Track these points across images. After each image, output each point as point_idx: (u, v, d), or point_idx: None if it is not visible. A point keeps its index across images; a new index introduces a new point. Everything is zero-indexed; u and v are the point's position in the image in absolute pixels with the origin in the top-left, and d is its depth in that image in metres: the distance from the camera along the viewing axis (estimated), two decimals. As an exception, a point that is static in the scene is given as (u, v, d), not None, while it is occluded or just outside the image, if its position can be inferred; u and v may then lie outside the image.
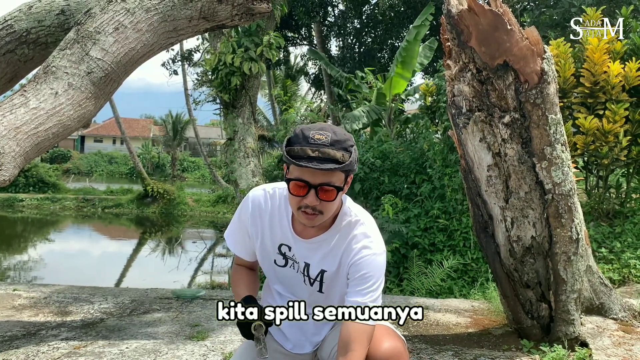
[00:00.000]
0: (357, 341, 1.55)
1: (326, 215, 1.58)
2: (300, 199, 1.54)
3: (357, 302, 1.59)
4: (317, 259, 1.69)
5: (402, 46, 9.90)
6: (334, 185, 1.51)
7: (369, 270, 1.62)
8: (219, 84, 9.09)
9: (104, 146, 47.92)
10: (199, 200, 22.82)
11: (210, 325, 3.64)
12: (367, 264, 1.63)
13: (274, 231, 1.72)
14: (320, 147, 1.47)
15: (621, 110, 4.97)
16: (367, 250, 1.64)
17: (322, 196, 1.52)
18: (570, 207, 2.89)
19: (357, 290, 1.61)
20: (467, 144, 2.97)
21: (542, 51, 2.69)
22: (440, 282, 5.57)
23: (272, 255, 1.76)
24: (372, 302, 1.61)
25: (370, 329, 1.58)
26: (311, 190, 1.51)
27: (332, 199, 1.53)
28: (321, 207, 1.54)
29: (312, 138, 1.48)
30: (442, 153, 6.63)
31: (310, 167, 1.46)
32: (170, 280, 10.25)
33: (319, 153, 1.47)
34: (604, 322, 3.49)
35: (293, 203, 1.58)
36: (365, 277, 1.62)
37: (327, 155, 1.47)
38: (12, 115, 2.88)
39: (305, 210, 1.55)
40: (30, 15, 3.54)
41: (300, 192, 1.53)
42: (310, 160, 1.46)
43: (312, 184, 1.51)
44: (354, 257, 1.64)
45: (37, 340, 3.26)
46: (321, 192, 1.51)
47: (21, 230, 18.39)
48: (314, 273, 1.71)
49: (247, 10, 3.45)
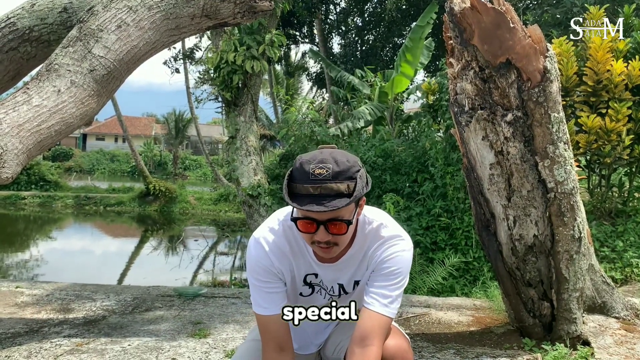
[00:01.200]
0: (377, 335, 1.54)
1: (342, 245, 1.53)
2: (311, 235, 1.49)
3: (384, 295, 1.58)
4: (348, 276, 1.68)
5: (405, 44, 9.90)
6: (342, 220, 1.45)
7: (399, 267, 1.60)
8: (220, 82, 9.09)
9: (106, 144, 47.97)
10: (201, 199, 22.82)
11: (212, 323, 3.65)
12: (396, 261, 1.60)
13: (298, 263, 1.67)
14: (322, 183, 1.39)
15: (624, 109, 4.96)
16: (395, 247, 1.61)
17: (332, 230, 1.46)
18: (573, 205, 2.89)
19: (384, 284, 1.59)
20: (470, 143, 2.96)
21: (544, 49, 2.68)
22: (442, 280, 5.57)
23: (299, 288, 1.72)
24: (397, 296, 1.60)
25: (389, 322, 1.58)
26: (320, 226, 1.45)
27: (343, 232, 1.47)
28: (334, 240, 1.49)
29: (312, 174, 1.40)
30: (444, 151, 6.62)
31: (313, 211, 1.38)
32: (172, 278, 10.26)
33: (321, 190, 1.39)
34: (606, 321, 3.49)
35: (306, 239, 1.54)
36: (393, 273, 1.60)
37: (331, 191, 1.39)
38: (14, 112, 2.88)
39: (319, 245, 1.50)
40: (33, 13, 3.54)
41: (309, 229, 1.47)
42: (313, 199, 1.39)
43: (319, 221, 1.45)
44: (381, 254, 1.61)
45: (39, 337, 3.27)
46: (331, 226, 1.45)
47: (23, 228, 18.41)
48: (349, 288, 1.70)
49: (249, 8, 3.45)
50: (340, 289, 1.70)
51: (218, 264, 13.72)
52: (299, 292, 1.73)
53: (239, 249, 16.03)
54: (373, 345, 1.51)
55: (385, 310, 1.57)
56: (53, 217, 20.66)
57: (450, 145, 6.59)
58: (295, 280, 1.69)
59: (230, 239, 17.00)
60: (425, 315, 3.93)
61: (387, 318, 1.57)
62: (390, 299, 1.58)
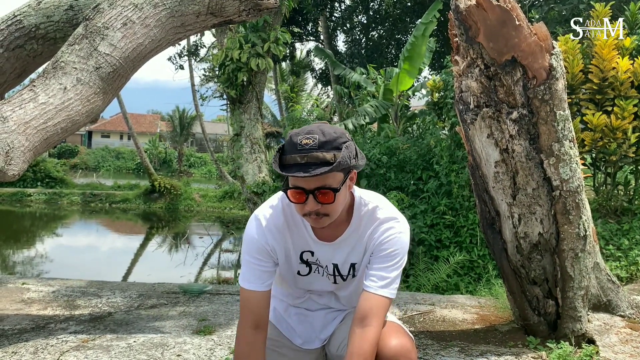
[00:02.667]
0: (375, 315, 1.57)
1: (333, 216, 1.56)
2: (302, 205, 1.53)
3: (382, 277, 1.62)
4: (344, 257, 1.70)
5: (410, 42, 9.87)
6: (330, 188, 1.48)
7: (396, 248, 1.64)
8: (225, 79, 9.11)
9: (111, 141, 48.13)
10: (206, 196, 22.88)
11: (217, 320, 3.66)
12: (394, 243, 1.64)
13: (295, 241, 1.70)
14: (308, 152, 1.44)
15: (630, 106, 4.94)
16: (392, 230, 1.65)
17: (321, 199, 1.50)
18: (578, 203, 2.88)
19: (382, 266, 1.63)
20: (475, 140, 2.96)
21: (550, 47, 2.68)
22: (447, 278, 5.57)
23: (296, 266, 1.74)
24: (395, 277, 1.64)
25: (387, 303, 1.61)
26: (309, 195, 1.49)
27: (331, 201, 1.50)
28: (324, 210, 1.52)
29: (299, 144, 1.45)
30: (449, 149, 6.62)
31: (299, 176, 1.44)
32: (177, 275, 10.30)
33: (307, 159, 1.44)
34: (611, 319, 3.48)
35: (297, 210, 1.58)
36: (391, 255, 1.64)
37: (316, 160, 1.43)
38: (21, 110, 2.90)
39: (310, 216, 1.54)
40: (39, 10, 3.56)
41: (299, 199, 1.52)
42: (300, 167, 1.44)
43: (307, 190, 1.49)
44: (379, 237, 1.65)
45: (46, 333, 3.29)
46: (319, 195, 1.49)
47: (29, 225, 18.51)
48: (345, 270, 1.72)
49: (254, 5, 3.45)
50: (334, 269, 1.71)
51: (222, 261, 13.77)
52: (296, 271, 1.75)
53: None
54: (372, 326, 1.55)
55: (383, 291, 1.60)
56: (59, 214, 20.76)
57: (455, 143, 6.58)
58: (291, 258, 1.72)
59: (234, 236, 17.04)
60: (429, 313, 3.93)
61: (385, 299, 1.60)
62: (388, 280, 1.62)
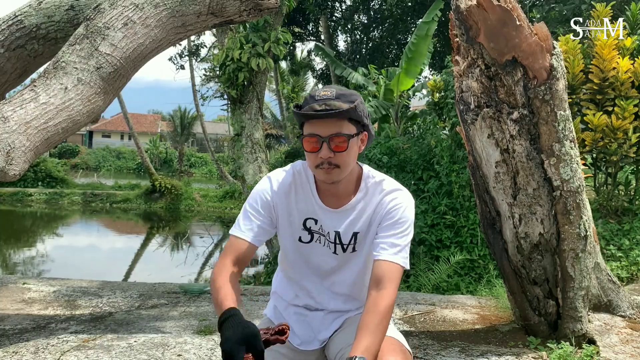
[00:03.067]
0: (390, 279, 1.58)
1: (343, 169, 1.61)
2: (316, 154, 1.58)
3: (393, 244, 1.62)
4: (347, 225, 1.71)
5: (411, 42, 9.86)
6: (344, 134, 1.57)
7: (403, 217, 1.66)
8: (226, 79, 9.11)
9: (112, 141, 48.14)
10: (206, 196, 22.89)
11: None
12: (400, 211, 1.66)
13: (299, 205, 1.73)
14: (326, 101, 1.54)
15: (630, 106, 4.94)
16: (398, 200, 1.68)
17: (334, 147, 1.56)
18: (579, 203, 2.88)
19: (391, 233, 1.64)
20: (475, 141, 2.96)
21: (551, 47, 2.68)
22: (447, 278, 5.57)
23: (297, 232, 1.74)
24: (405, 245, 1.64)
25: (400, 270, 1.61)
26: (323, 143, 1.56)
27: (344, 148, 1.57)
28: (336, 160, 1.58)
29: (318, 96, 1.57)
30: (450, 149, 6.62)
31: (317, 114, 1.54)
32: (178, 275, 10.30)
33: (325, 106, 1.53)
34: (612, 320, 3.48)
35: (310, 161, 1.62)
36: (399, 222, 1.65)
37: (333, 107, 1.53)
38: (22, 110, 2.90)
39: (322, 166, 1.59)
40: (40, 10, 3.56)
41: (313, 147, 1.58)
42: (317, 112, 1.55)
43: (322, 137, 1.56)
44: (386, 206, 1.67)
45: (46, 333, 3.29)
46: (333, 143, 1.56)
47: (30, 224, 18.53)
48: (346, 239, 1.72)
49: (255, 5, 3.46)
50: (336, 237, 1.71)
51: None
52: (298, 237, 1.75)
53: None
54: (387, 289, 1.56)
55: (394, 258, 1.61)
56: (59, 213, 20.77)
57: (455, 143, 6.59)
58: (294, 222, 1.73)
59: (235, 236, 17.00)
60: (430, 313, 3.93)
61: (397, 265, 1.60)
62: (399, 247, 1.62)
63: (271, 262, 8.33)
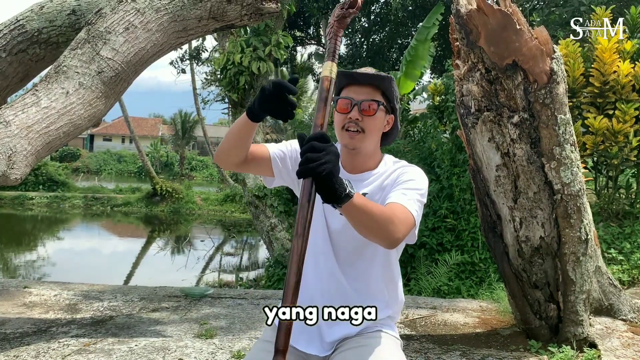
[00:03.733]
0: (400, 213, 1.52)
1: (367, 135, 1.68)
2: (345, 115, 1.67)
3: (403, 194, 1.60)
4: (359, 186, 1.72)
5: (411, 45, 9.87)
6: (375, 100, 1.67)
7: (414, 178, 1.68)
8: (227, 83, 9.12)
9: (113, 145, 48.18)
10: (207, 199, 22.90)
11: (219, 324, 3.66)
12: (413, 174, 1.70)
13: None
14: (366, 72, 1.69)
15: (631, 110, 4.94)
16: (410, 168, 1.73)
17: (363, 111, 1.66)
18: (579, 207, 2.89)
19: (400, 187, 1.64)
20: (476, 144, 2.97)
21: (551, 51, 2.68)
22: (448, 282, 5.57)
23: None
24: (416, 199, 1.61)
25: (411, 217, 1.55)
26: (355, 106, 1.66)
27: (373, 113, 1.67)
28: (363, 123, 1.66)
29: (359, 70, 1.70)
30: (450, 153, 6.61)
31: (358, 77, 1.67)
32: (179, 278, 10.30)
33: (363, 75, 1.68)
34: (613, 323, 3.48)
35: (338, 122, 1.70)
36: (409, 181, 1.66)
37: (371, 73, 1.68)
38: (23, 114, 2.91)
39: (348, 128, 1.67)
40: (41, 15, 3.57)
41: (345, 109, 1.68)
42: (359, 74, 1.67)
43: (355, 100, 1.66)
44: (399, 173, 1.71)
45: (47, 337, 3.29)
46: (363, 106, 1.66)
47: (31, 228, 18.54)
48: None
49: (256, 10, 3.47)
50: None
51: (224, 264, 13.76)
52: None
53: (245, 249, 16.07)
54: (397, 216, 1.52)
55: (405, 201, 1.57)
56: (60, 217, 20.78)
57: (456, 147, 6.58)
58: None
59: (236, 239, 17.03)
60: (431, 317, 3.93)
61: (407, 210, 1.55)
62: (408, 196, 1.60)
63: (272, 266, 8.32)
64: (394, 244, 1.51)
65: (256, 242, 15.94)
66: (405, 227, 1.52)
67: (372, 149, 1.74)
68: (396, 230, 1.47)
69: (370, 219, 1.42)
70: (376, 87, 1.69)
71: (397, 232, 1.48)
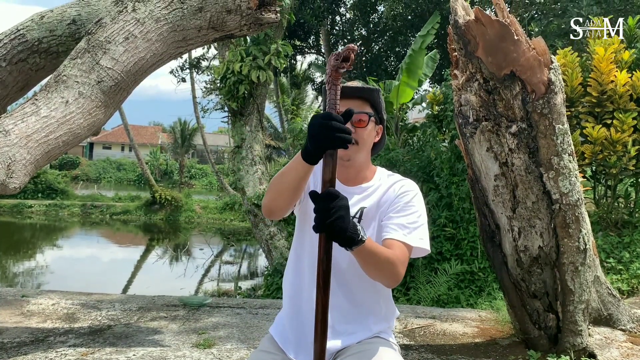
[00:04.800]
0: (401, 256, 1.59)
1: (360, 147, 1.72)
2: None
3: (401, 225, 1.65)
4: (356, 200, 1.76)
5: (408, 55, 9.92)
6: (365, 112, 1.72)
7: (412, 200, 1.72)
8: (227, 92, 9.15)
9: (113, 153, 48.20)
10: (206, 207, 22.90)
11: (217, 333, 3.65)
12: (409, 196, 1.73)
13: (318, 179, 1.79)
14: (353, 85, 1.74)
15: (629, 119, 4.96)
16: (407, 187, 1.75)
17: (356, 123, 1.70)
18: (578, 217, 2.89)
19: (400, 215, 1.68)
20: (474, 154, 2.97)
21: (549, 61, 2.70)
22: (447, 291, 5.56)
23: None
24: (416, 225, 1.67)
25: (409, 251, 1.63)
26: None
27: (365, 125, 1.72)
28: (356, 136, 1.70)
29: (346, 84, 1.74)
30: (449, 162, 6.63)
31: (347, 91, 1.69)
32: (177, 287, 10.27)
33: (352, 88, 1.73)
34: (612, 333, 3.47)
35: None
36: (408, 205, 1.70)
37: (358, 86, 1.73)
38: (23, 123, 2.92)
39: None
40: (42, 24, 3.59)
41: None
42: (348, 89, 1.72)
43: None
44: (397, 191, 1.74)
45: (45, 346, 3.28)
46: (355, 120, 1.70)
47: (29, 236, 18.50)
48: (352, 211, 1.73)
49: (255, 20, 3.48)
50: None
51: (223, 273, 13.74)
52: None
53: (244, 258, 16.04)
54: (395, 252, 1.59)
55: (405, 238, 1.63)
56: (59, 225, 20.75)
57: (455, 156, 6.59)
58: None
59: (235, 247, 17.01)
60: (430, 327, 3.92)
61: (408, 246, 1.63)
62: (407, 229, 1.65)
63: (271, 275, 8.31)
64: (395, 284, 1.62)
65: (255, 250, 15.92)
66: (404, 266, 1.61)
67: (364, 159, 1.78)
68: (398, 272, 1.57)
69: (377, 261, 1.51)
70: (365, 100, 1.74)
71: (399, 273, 1.58)
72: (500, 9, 2.68)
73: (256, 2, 3.43)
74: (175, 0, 3.34)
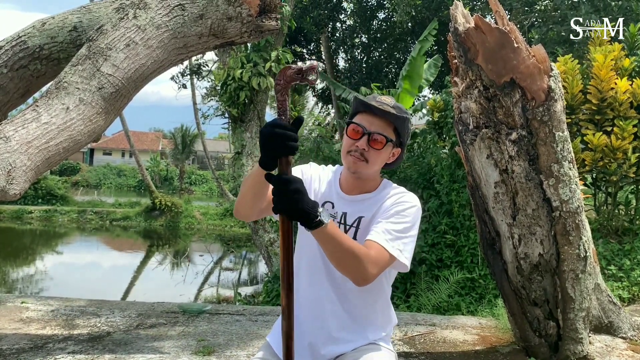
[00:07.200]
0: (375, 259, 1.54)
1: (370, 166, 1.70)
2: (353, 142, 1.69)
3: (387, 230, 1.62)
4: (355, 209, 1.76)
5: (408, 62, 9.95)
6: (385, 135, 1.68)
7: (405, 210, 1.69)
8: (227, 98, 9.16)
9: (113, 159, 48.22)
10: (206, 214, 22.88)
11: (217, 340, 3.64)
12: (403, 205, 1.70)
13: (322, 187, 1.82)
14: (384, 104, 1.69)
15: (629, 126, 4.96)
16: (404, 197, 1.73)
17: (372, 143, 1.68)
18: (578, 224, 2.88)
19: (389, 220, 1.66)
20: (474, 161, 2.97)
21: (549, 69, 2.70)
22: (448, 298, 5.54)
23: None
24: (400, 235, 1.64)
25: (388, 257, 1.58)
26: (364, 136, 1.68)
27: (381, 147, 1.68)
28: (368, 154, 1.68)
29: (378, 98, 1.71)
30: (450, 168, 6.62)
31: (374, 108, 1.67)
32: (177, 293, 10.24)
33: (382, 106, 1.67)
34: (613, 341, 3.46)
35: (345, 146, 1.72)
36: (399, 213, 1.68)
37: (388, 109, 1.67)
38: (24, 129, 2.92)
39: (353, 154, 1.68)
40: (43, 31, 3.60)
41: (355, 135, 1.69)
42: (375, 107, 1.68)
43: (367, 130, 1.68)
44: (394, 199, 1.73)
45: (44, 353, 3.27)
46: (372, 139, 1.67)
47: (29, 242, 18.48)
48: (351, 219, 1.75)
49: (256, 27, 3.49)
50: (342, 217, 1.76)
51: (222, 280, 13.70)
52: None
53: (244, 264, 16.01)
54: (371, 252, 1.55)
55: (384, 242, 1.59)
56: (59, 231, 20.73)
57: (455, 162, 6.59)
58: (317, 199, 1.82)
59: (235, 254, 16.98)
60: (430, 334, 3.90)
61: (386, 251, 1.58)
62: (391, 236, 1.62)
63: (271, 281, 8.28)
64: (361, 282, 1.55)
65: (255, 257, 15.89)
66: (377, 267, 1.56)
67: (372, 174, 1.78)
68: (364, 269, 1.52)
69: (340, 250, 1.48)
70: (390, 122, 1.71)
71: (365, 271, 1.52)
72: (500, 17, 2.69)
73: (257, 9, 3.44)
74: (176, 8, 3.35)
